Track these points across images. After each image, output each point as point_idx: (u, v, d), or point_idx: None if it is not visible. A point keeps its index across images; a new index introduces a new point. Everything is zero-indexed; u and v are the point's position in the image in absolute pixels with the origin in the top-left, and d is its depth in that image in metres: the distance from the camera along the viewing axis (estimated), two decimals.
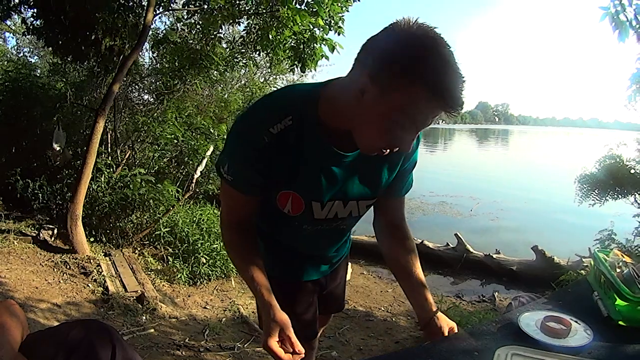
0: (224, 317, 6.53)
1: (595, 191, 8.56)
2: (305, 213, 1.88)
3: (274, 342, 1.65)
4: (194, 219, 9.01)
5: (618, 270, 2.39)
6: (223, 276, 7.96)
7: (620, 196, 8.39)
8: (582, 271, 7.43)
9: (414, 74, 1.39)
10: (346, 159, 1.78)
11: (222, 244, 7.99)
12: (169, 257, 8.17)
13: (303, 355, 1.67)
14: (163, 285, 7.30)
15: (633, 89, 7.45)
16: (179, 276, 7.58)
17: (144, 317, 5.78)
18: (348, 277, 8.15)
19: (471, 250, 9.79)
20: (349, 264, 8.41)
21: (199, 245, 8.18)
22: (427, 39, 1.45)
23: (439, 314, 1.95)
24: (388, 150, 1.59)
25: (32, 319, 4.98)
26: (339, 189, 1.85)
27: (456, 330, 1.91)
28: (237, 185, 1.83)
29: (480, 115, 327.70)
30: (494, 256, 9.57)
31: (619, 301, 2.08)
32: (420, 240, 10.08)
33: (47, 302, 5.53)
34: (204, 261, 7.89)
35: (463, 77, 1.45)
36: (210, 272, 7.83)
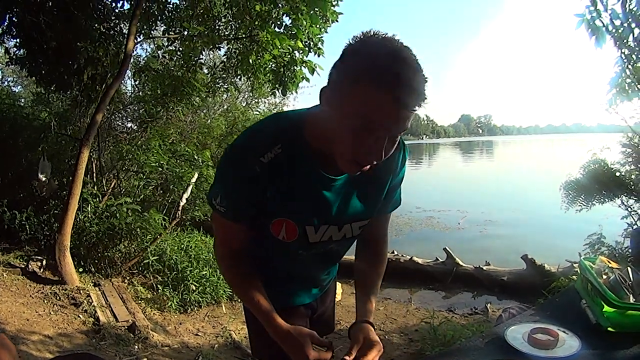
0: (217, 343, 6.49)
1: (582, 196, 8.62)
2: (300, 238, 1.86)
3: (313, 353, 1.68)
4: (182, 246, 9.00)
5: (604, 277, 2.42)
6: (213, 302, 7.95)
7: (606, 200, 8.46)
8: (574, 276, 7.46)
9: (356, 73, 1.40)
10: (336, 182, 1.77)
11: (210, 270, 8.06)
12: (158, 286, 8.11)
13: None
14: (154, 313, 7.26)
15: (613, 92, 7.55)
16: (169, 304, 7.55)
17: (136, 347, 5.71)
18: (338, 297, 8.16)
19: (461, 263, 9.82)
20: (339, 284, 8.44)
21: (188, 272, 8.16)
22: (368, 45, 1.46)
23: (369, 327, 1.90)
24: (368, 166, 1.54)
25: (25, 351, 4.93)
26: (332, 213, 1.84)
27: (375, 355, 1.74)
28: (229, 216, 1.84)
29: (463, 128, 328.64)
30: (484, 268, 9.60)
31: (606, 308, 2.11)
32: (410, 257, 10.14)
33: (38, 334, 5.46)
34: (194, 288, 7.87)
35: (415, 69, 1.41)
36: (200, 298, 7.82)
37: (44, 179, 9.92)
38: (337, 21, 7.87)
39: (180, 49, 10.16)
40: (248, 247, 1.99)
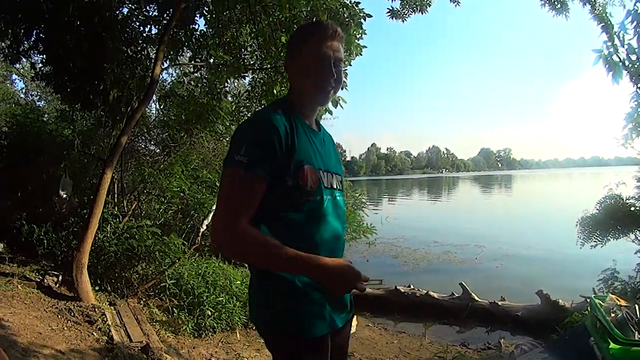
0: None
1: (597, 232, 8.63)
2: (320, 183, 2.23)
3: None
4: (200, 271, 8.98)
5: (613, 315, 2.46)
6: (228, 329, 7.91)
7: (621, 235, 8.47)
8: (587, 312, 7.48)
9: (307, 41, 2.36)
10: (318, 134, 2.44)
11: (227, 296, 8.04)
12: (174, 309, 8.09)
13: None
14: (168, 336, 7.24)
15: (629, 127, 7.58)
16: (184, 328, 7.53)
17: None
18: (353, 329, 8.14)
19: (476, 298, 9.77)
20: (355, 316, 8.43)
21: (205, 297, 8.15)
22: (303, 27, 2.62)
23: None
24: (333, 86, 2.36)
25: None
26: (325, 161, 2.35)
27: None
28: (254, 166, 2.02)
29: (483, 162, 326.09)
30: (499, 303, 9.55)
31: (612, 345, 2.14)
32: (426, 291, 10.11)
33: (50, 349, 5.43)
34: (209, 313, 7.85)
35: (328, 22, 2.42)
36: (215, 324, 7.80)
37: (64, 195, 10.01)
38: (361, 54, 7.89)
39: (206, 76, 10.30)
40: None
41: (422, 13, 9.81)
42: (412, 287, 10.44)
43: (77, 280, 7.30)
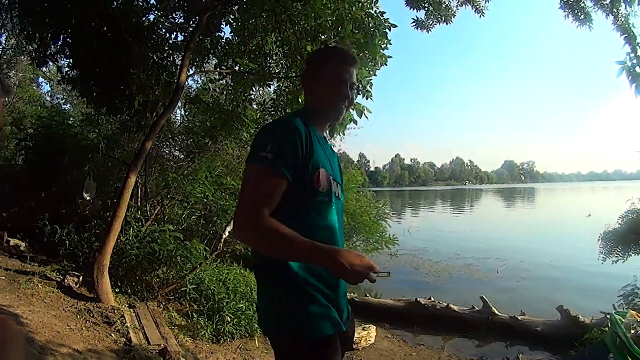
0: None
1: (619, 247, 8.56)
2: (330, 187, 2.37)
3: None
4: (221, 277, 8.99)
5: (633, 331, 2.44)
6: (247, 335, 7.89)
7: None
8: (607, 329, 7.40)
9: (330, 62, 2.57)
10: (326, 145, 2.58)
11: (247, 303, 8.02)
12: (193, 314, 8.13)
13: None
14: (186, 340, 7.24)
15: None
16: (203, 333, 7.53)
17: None
18: (372, 340, 8.15)
19: (496, 312, 9.69)
20: (373, 327, 8.43)
21: (225, 303, 8.15)
22: (325, 50, 2.96)
23: None
24: (347, 107, 2.60)
25: None
26: (333, 170, 2.46)
27: None
28: (278, 163, 2.15)
29: (506, 174, 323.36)
30: (520, 318, 9.46)
31: None
32: (446, 304, 10.04)
33: (68, 348, 5.49)
34: (229, 320, 7.83)
35: (347, 50, 2.73)
36: (234, 330, 7.77)
37: (88, 198, 10.13)
38: (386, 65, 7.84)
39: (232, 84, 10.32)
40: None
41: (447, 24, 9.82)
42: (432, 299, 10.39)
43: (98, 281, 7.36)
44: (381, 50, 7.59)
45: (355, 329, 6.08)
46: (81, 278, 8.19)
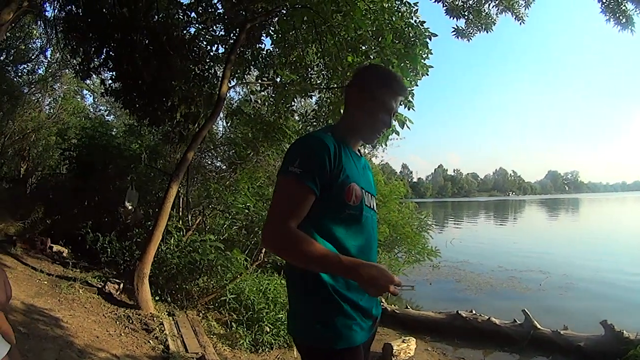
0: None
1: None
2: (362, 200, 2.39)
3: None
4: (261, 287, 9.02)
5: None
6: (286, 346, 7.86)
7: None
8: None
9: (377, 85, 2.53)
10: (361, 159, 2.63)
11: (286, 314, 8.03)
12: (232, 323, 8.16)
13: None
14: (224, 349, 7.24)
15: None
16: (241, 342, 7.55)
17: None
18: (411, 353, 8.08)
19: (538, 326, 9.49)
20: (412, 339, 8.37)
21: (264, 313, 8.18)
22: (374, 70, 2.70)
23: None
24: (384, 130, 2.62)
25: None
26: (366, 184, 2.51)
27: None
28: (305, 177, 2.21)
29: (550, 185, 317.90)
30: (562, 332, 9.24)
31: None
32: (487, 317, 9.90)
33: (106, 352, 5.57)
34: (268, 330, 7.85)
35: (399, 78, 2.61)
36: (273, 340, 7.78)
37: (130, 207, 10.27)
38: (427, 74, 7.81)
39: (273, 95, 10.38)
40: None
41: (487, 32, 9.75)
42: (474, 312, 10.27)
43: (138, 289, 7.47)
44: (422, 60, 7.57)
45: (395, 341, 5.93)
46: (121, 285, 8.29)
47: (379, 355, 7.81)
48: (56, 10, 10.63)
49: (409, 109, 7.95)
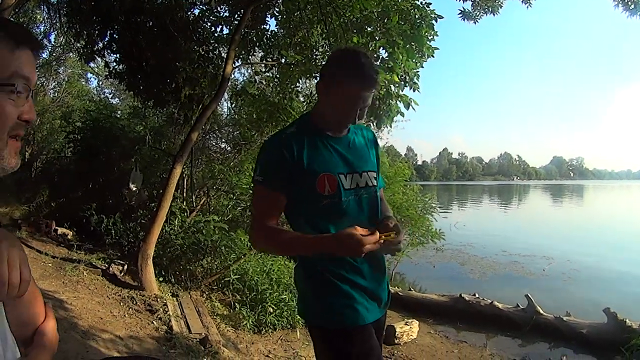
0: None
1: None
2: (339, 187, 2.40)
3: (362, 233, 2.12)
4: (265, 268, 8.98)
5: None
6: (289, 327, 7.90)
7: None
8: None
9: (342, 72, 2.38)
10: (340, 139, 2.54)
11: (290, 295, 7.99)
12: (236, 304, 8.18)
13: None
14: (228, 330, 7.28)
15: None
16: (244, 323, 7.56)
17: (205, 359, 5.78)
18: (414, 335, 8.07)
19: (541, 312, 9.45)
20: (415, 322, 8.37)
21: (268, 294, 8.19)
22: (339, 56, 2.55)
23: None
24: (356, 121, 2.48)
25: (94, 347, 5.07)
26: (349, 163, 2.49)
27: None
28: (266, 183, 2.39)
29: (555, 170, 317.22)
30: (565, 318, 9.19)
31: None
32: (490, 301, 9.88)
33: (110, 333, 5.59)
34: (271, 310, 7.85)
35: (370, 65, 2.41)
36: (276, 321, 7.79)
37: (134, 188, 10.29)
38: (433, 56, 7.77)
39: (277, 75, 10.35)
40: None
41: (493, 14, 9.67)
42: (476, 295, 10.26)
43: (142, 270, 7.48)
44: (428, 42, 7.52)
45: (398, 323, 5.92)
46: (126, 266, 8.34)
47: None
48: None
49: (414, 91, 7.91)
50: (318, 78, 2.66)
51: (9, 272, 1.04)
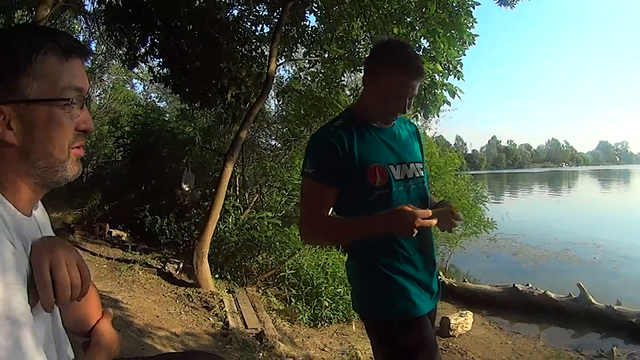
0: None
1: None
2: (389, 178, 2.37)
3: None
4: (320, 262, 9.01)
5: None
6: (344, 320, 7.92)
7: None
8: None
9: (383, 65, 2.35)
10: (385, 130, 2.50)
11: (345, 288, 7.98)
12: (291, 298, 8.24)
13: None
14: (283, 324, 7.32)
15: None
16: (300, 317, 7.63)
17: (261, 354, 5.77)
18: (468, 327, 8.02)
19: (593, 301, 9.28)
20: (470, 313, 8.30)
21: (323, 288, 8.22)
22: (384, 46, 2.52)
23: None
24: (405, 111, 2.41)
25: (149, 344, 5.16)
26: (396, 154, 2.46)
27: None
28: (317, 176, 2.35)
29: (601, 155, 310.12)
30: (615, 307, 9.05)
31: None
32: (543, 291, 9.77)
33: (166, 331, 5.69)
34: (327, 304, 7.90)
35: (415, 57, 2.40)
36: (332, 315, 7.83)
37: (187, 189, 10.46)
38: (473, 43, 7.73)
39: (322, 70, 10.41)
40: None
41: None
42: (530, 285, 10.16)
43: (197, 268, 7.61)
44: (467, 29, 7.48)
45: (452, 314, 5.93)
46: (181, 265, 8.51)
47: (436, 330, 7.80)
48: (95, 4, 10.84)
49: (458, 79, 7.91)
50: (363, 70, 2.60)
51: (70, 275, 1.10)
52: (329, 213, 2.45)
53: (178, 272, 8.33)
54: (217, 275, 8.47)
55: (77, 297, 1.13)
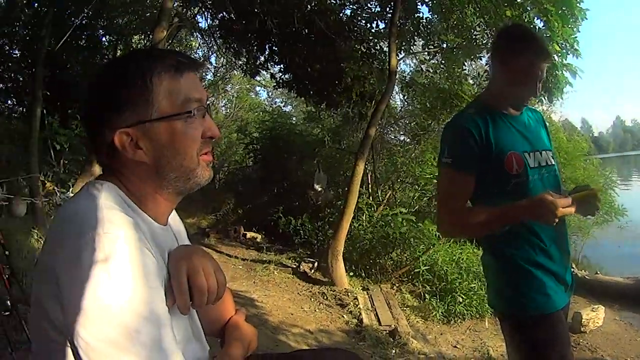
0: (472, 357, 6.41)
1: None
2: (525, 165, 2.30)
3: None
4: (454, 257, 8.90)
5: None
6: (477, 316, 7.79)
7: None
8: None
9: (520, 47, 2.33)
10: (516, 118, 2.43)
11: (479, 283, 7.84)
12: (425, 294, 8.19)
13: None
14: (417, 321, 7.36)
15: None
16: (434, 314, 7.60)
17: (393, 351, 5.83)
18: (600, 322, 7.69)
19: None
20: (601, 307, 7.94)
21: (457, 284, 8.13)
22: (510, 29, 2.68)
23: None
24: (537, 94, 2.44)
25: (283, 341, 5.34)
26: (529, 142, 2.39)
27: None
28: (457, 163, 2.30)
29: None
30: None
31: None
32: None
33: (300, 328, 5.86)
34: (461, 300, 7.79)
35: (543, 40, 2.50)
36: (465, 311, 7.71)
37: (319, 189, 10.66)
38: (586, 18, 7.46)
39: (442, 61, 10.35)
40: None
41: None
42: None
43: (332, 266, 7.77)
44: (577, 4, 7.23)
45: (584, 309, 5.79)
46: (316, 264, 8.71)
47: (568, 325, 7.51)
48: (209, 20, 11.32)
49: (576, 57, 7.67)
50: (491, 58, 2.56)
51: (207, 280, 1.22)
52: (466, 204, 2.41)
53: (313, 270, 8.56)
54: (351, 273, 8.57)
55: (212, 302, 1.24)
